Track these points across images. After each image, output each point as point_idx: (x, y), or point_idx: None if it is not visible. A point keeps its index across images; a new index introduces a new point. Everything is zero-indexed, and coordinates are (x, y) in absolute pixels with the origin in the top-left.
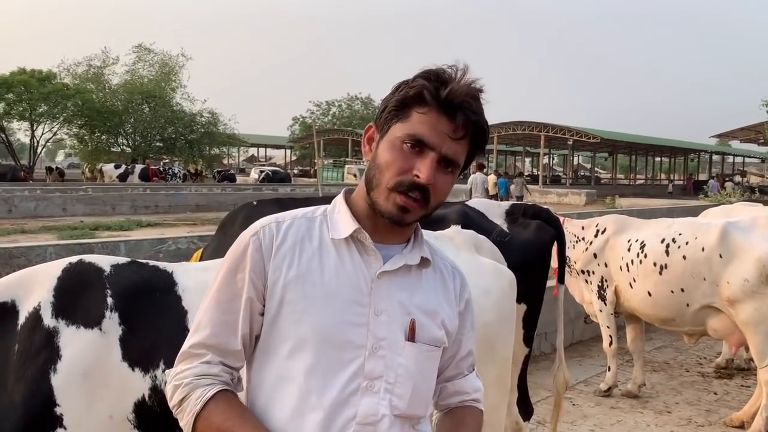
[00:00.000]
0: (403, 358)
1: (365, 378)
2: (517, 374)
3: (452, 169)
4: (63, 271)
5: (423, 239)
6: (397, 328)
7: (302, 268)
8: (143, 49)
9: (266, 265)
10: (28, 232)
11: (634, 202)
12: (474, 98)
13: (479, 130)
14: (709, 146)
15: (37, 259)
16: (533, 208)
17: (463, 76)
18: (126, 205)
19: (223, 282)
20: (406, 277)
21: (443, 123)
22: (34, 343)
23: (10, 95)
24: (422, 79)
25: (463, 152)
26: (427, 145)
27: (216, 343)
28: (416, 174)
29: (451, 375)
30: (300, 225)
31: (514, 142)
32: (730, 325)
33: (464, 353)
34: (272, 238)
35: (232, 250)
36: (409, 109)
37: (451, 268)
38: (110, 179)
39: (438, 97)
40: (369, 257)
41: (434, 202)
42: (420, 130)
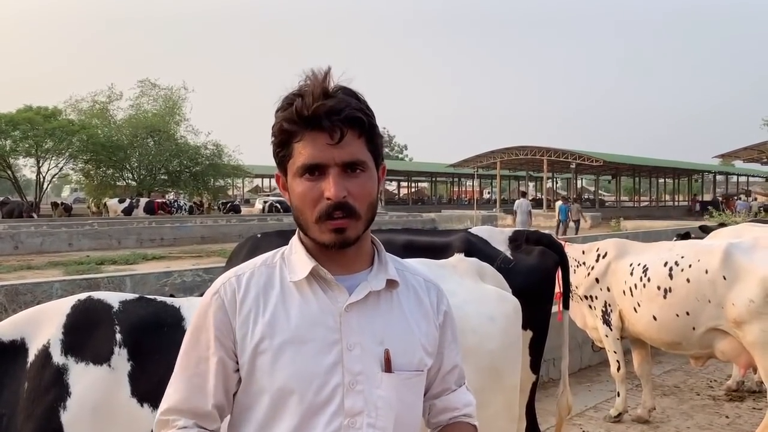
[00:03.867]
0: (381, 390)
1: (346, 416)
2: (525, 402)
3: (360, 168)
4: (72, 308)
5: (386, 259)
6: (372, 360)
7: (268, 317)
8: (147, 83)
9: (232, 322)
10: (34, 268)
11: (638, 225)
12: (329, 96)
13: (354, 120)
14: (713, 166)
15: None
16: (536, 234)
17: (313, 83)
18: (131, 239)
19: (189, 346)
20: (375, 305)
21: (318, 138)
22: (43, 380)
23: (17, 132)
24: (279, 113)
25: (358, 148)
26: (319, 166)
27: (188, 408)
28: (327, 197)
29: (438, 391)
30: (260, 274)
31: (517, 166)
32: (737, 346)
33: (449, 367)
34: (234, 293)
35: (196, 313)
36: (288, 145)
37: (424, 282)
38: (115, 213)
39: (296, 120)
40: (333, 292)
41: (362, 207)
42: (305, 158)
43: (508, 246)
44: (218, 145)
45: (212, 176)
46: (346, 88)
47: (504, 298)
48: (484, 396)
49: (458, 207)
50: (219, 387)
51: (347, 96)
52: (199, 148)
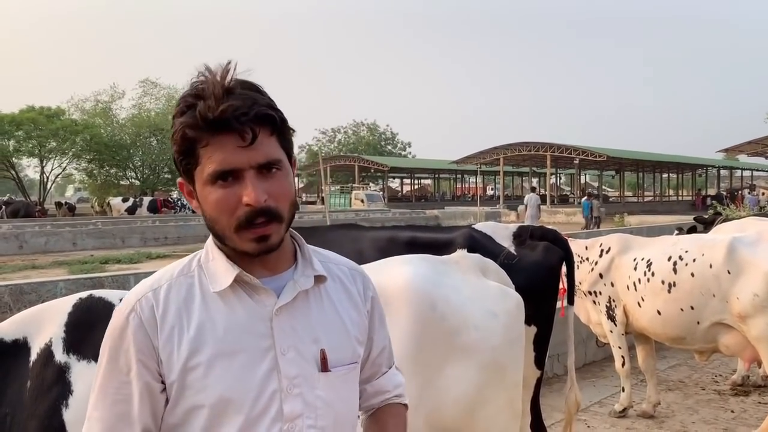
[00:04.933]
0: (320, 390)
1: (285, 420)
2: (529, 397)
3: (277, 167)
4: (73, 307)
5: (310, 253)
6: (307, 361)
7: (194, 332)
8: (149, 83)
9: (154, 342)
10: (39, 268)
11: (642, 220)
12: (232, 94)
13: (264, 118)
14: (717, 161)
15: (47, 295)
16: (540, 229)
17: (211, 81)
18: (135, 238)
19: (107, 371)
20: (305, 304)
21: (228, 140)
22: (46, 378)
23: (20, 133)
24: (179, 118)
25: (271, 147)
26: (233, 171)
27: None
28: (246, 203)
29: (368, 375)
30: (179, 285)
31: (520, 162)
32: (741, 341)
33: (378, 351)
34: (152, 309)
35: (109, 334)
36: (193, 152)
37: (349, 271)
38: (119, 213)
39: (200, 126)
40: (260, 296)
41: (283, 208)
42: (216, 164)
43: (513, 242)
44: None
45: None
46: (245, 82)
47: (507, 294)
48: (486, 392)
49: (461, 204)
50: (145, 411)
51: (250, 91)
52: None
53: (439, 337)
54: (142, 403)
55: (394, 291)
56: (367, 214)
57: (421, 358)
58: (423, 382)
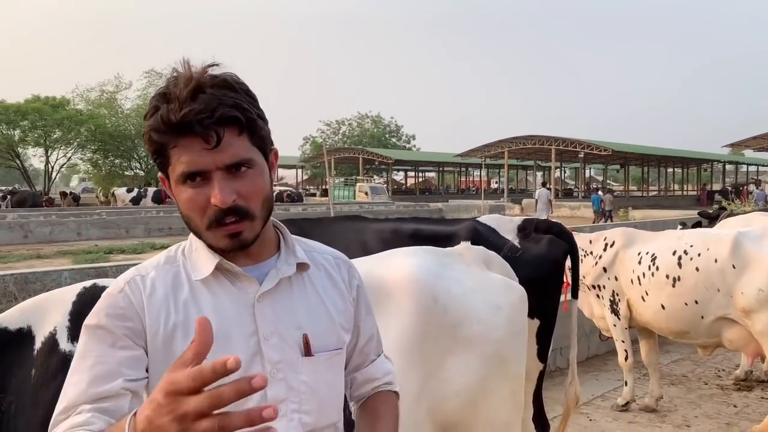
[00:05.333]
0: (303, 374)
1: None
2: (532, 390)
3: (246, 166)
4: (77, 296)
5: (293, 242)
6: (290, 346)
7: (181, 318)
8: (154, 73)
9: (143, 321)
10: (43, 257)
11: (647, 214)
12: (198, 94)
13: (228, 120)
14: (722, 156)
15: (52, 284)
16: (545, 223)
17: (179, 81)
18: (140, 228)
19: (90, 345)
20: (288, 290)
21: (194, 143)
22: (50, 367)
23: (25, 122)
24: (146, 121)
25: (240, 147)
26: (201, 173)
27: (87, 397)
28: (213, 204)
29: (357, 364)
30: (166, 273)
31: (525, 156)
32: (745, 335)
33: (366, 339)
34: (140, 292)
35: (95, 312)
36: (164, 151)
37: (334, 260)
38: (123, 203)
39: (166, 130)
40: (242, 283)
41: (256, 206)
42: (184, 166)
43: (517, 235)
44: None
45: None
46: (217, 78)
47: (510, 286)
48: (489, 384)
49: (466, 197)
50: (131, 375)
51: (219, 90)
52: None
53: (441, 330)
54: (127, 366)
55: (396, 283)
56: (370, 207)
57: (423, 350)
58: (425, 374)
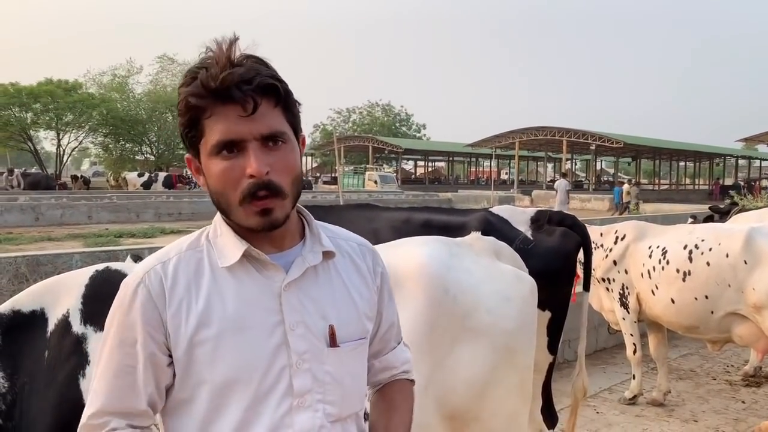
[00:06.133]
0: (328, 365)
1: (295, 396)
2: (541, 382)
3: (281, 140)
4: (90, 279)
5: (318, 229)
6: (316, 337)
7: (202, 306)
8: (166, 59)
9: (162, 314)
10: (54, 240)
11: (658, 208)
12: (236, 64)
13: (267, 88)
14: (735, 150)
15: (63, 266)
16: (558, 214)
17: (217, 54)
18: (150, 213)
19: (114, 341)
20: (313, 279)
21: (230, 111)
22: (63, 349)
23: (37, 105)
24: (183, 88)
25: (275, 118)
26: (236, 142)
27: (117, 409)
28: (249, 174)
29: (377, 351)
30: (188, 259)
31: (536, 147)
32: (756, 332)
33: (387, 327)
34: (160, 282)
35: (117, 305)
36: (197, 123)
37: (358, 247)
38: (134, 187)
39: (204, 94)
40: (269, 272)
41: (287, 183)
42: (218, 135)
43: (530, 226)
44: None
45: None
46: (252, 55)
47: (520, 277)
48: (497, 374)
49: (475, 188)
50: (150, 383)
51: (256, 63)
52: None
53: (451, 320)
54: (147, 375)
55: (407, 272)
56: (380, 196)
57: (432, 339)
58: (434, 363)
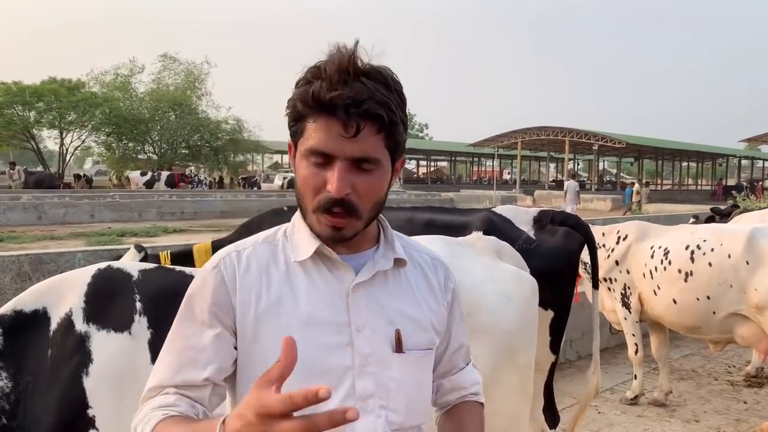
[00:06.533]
0: (393, 371)
1: (357, 399)
2: (543, 381)
3: (372, 167)
4: (92, 277)
5: (393, 237)
6: (382, 341)
7: (272, 297)
8: (168, 58)
9: (232, 299)
10: (57, 239)
11: (660, 208)
12: (351, 80)
13: (372, 115)
14: (738, 150)
15: (66, 265)
16: (561, 214)
17: (337, 62)
18: (152, 212)
19: (182, 321)
20: (383, 284)
21: (333, 125)
22: (66, 347)
23: (41, 104)
24: (297, 89)
25: (373, 145)
26: (328, 155)
27: (175, 382)
28: (328, 190)
29: (445, 370)
30: (263, 251)
31: (538, 147)
32: (757, 332)
33: (456, 346)
34: (234, 269)
35: (192, 287)
36: (303, 120)
37: (431, 260)
38: (137, 186)
39: (312, 105)
40: (339, 271)
41: (365, 207)
42: (315, 142)
43: (533, 226)
44: (239, 120)
45: (232, 151)
46: (375, 69)
47: (521, 277)
48: (498, 373)
49: (477, 187)
50: (214, 362)
51: (374, 82)
52: (220, 123)
53: None
54: (211, 353)
55: None
56: None
57: None
58: None
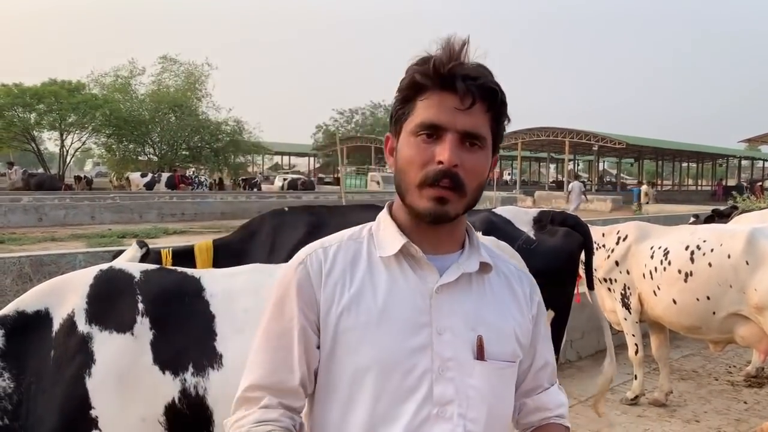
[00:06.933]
0: (473, 379)
1: (435, 404)
2: None
3: (479, 144)
4: (95, 278)
5: (479, 243)
6: (463, 346)
7: (354, 293)
8: (168, 59)
9: (317, 295)
10: (57, 240)
11: (660, 208)
12: (470, 62)
13: (488, 92)
14: (738, 151)
15: (67, 266)
16: (561, 214)
17: (452, 46)
18: (153, 213)
19: (272, 317)
20: (467, 288)
21: (447, 98)
22: (69, 348)
23: (41, 106)
24: (413, 66)
25: (483, 122)
26: (439, 128)
27: (271, 383)
28: (438, 160)
29: (529, 389)
30: (348, 248)
31: (538, 148)
32: (757, 332)
33: (541, 363)
34: (320, 264)
35: (278, 284)
36: (411, 101)
37: (517, 271)
38: (137, 187)
39: (430, 76)
40: (423, 271)
41: (470, 185)
42: (426, 115)
43: (533, 227)
44: (239, 121)
45: (233, 153)
46: (482, 64)
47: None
48: None
49: None
50: (302, 361)
51: (484, 68)
52: (220, 125)
53: None
54: (300, 353)
55: None
56: (382, 196)
57: None
58: None
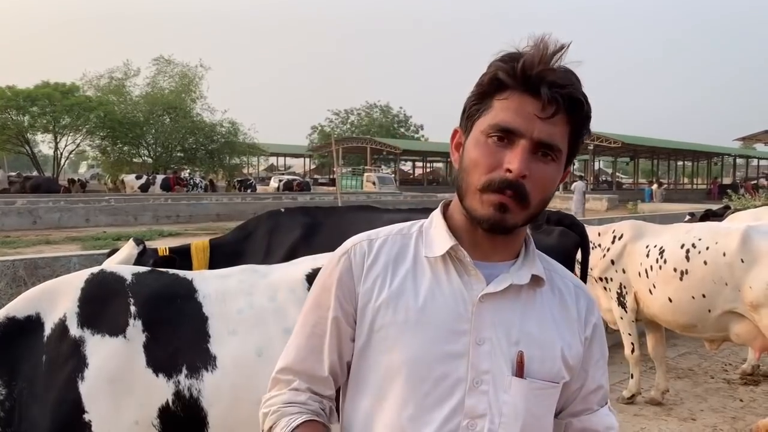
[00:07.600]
0: (509, 395)
1: (466, 416)
2: None
3: (552, 156)
4: (86, 282)
5: (535, 254)
6: (502, 360)
7: (394, 290)
8: (163, 61)
9: (356, 287)
10: (52, 243)
11: (656, 207)
12: (560, 68)
13: (573, 102)
14: (733, 149)
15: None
16: (557, 214)
17: (543, 47)
18: (148, 215)
19: (311, 304)
20: (514, 300)
21: (528, 103)
22: (61, 352)
23: (35, 108)
24: (498, 63)
25: (561, 133)
26: (514, 133)
27: (302, 369)
28: (507, 168)
29: (578, 410)
30: (394, 242)
31: None
32: (753, 330)
33: (592, 387)
34: (363, 257)
35: (322, 270)
36: (489, 99)
37: (573, 287)
38: (132, 190)
39: (515, 75)
40: (469, 277)
41: (535, 198)
42: (503, 117)
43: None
44: (234, 123)
45: (228, 154)
46: (572, 71)
47: None
48: None
49: None
50: (334, 350)
51: (575, 78)
52: (215, 126)
53: None
54: (332, 342)
55: None
56: (378, 197)
57: None
58: None
